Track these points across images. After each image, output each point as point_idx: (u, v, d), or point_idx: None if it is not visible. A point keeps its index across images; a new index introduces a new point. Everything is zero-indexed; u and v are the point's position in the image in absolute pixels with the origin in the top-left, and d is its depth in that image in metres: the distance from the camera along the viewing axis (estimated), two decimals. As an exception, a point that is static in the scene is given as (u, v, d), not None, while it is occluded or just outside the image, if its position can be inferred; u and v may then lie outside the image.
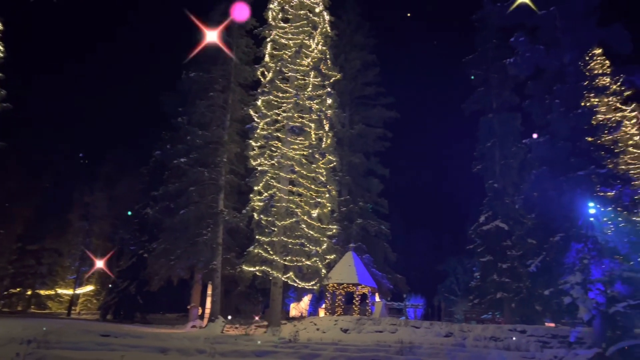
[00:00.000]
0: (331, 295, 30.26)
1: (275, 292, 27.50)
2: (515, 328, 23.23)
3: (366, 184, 39.92)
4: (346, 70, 39.19)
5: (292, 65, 29.89)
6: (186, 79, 32.30)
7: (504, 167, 34.98)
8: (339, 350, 19.70)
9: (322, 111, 29.48)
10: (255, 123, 28.66)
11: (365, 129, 40.11)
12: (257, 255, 27.09)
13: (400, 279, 38.31)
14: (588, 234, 20.40)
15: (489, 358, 14.87)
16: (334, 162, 30.22)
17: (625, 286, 19.27)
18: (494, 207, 34.20)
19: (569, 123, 21.64)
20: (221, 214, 30.01)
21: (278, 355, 18.87)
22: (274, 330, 25.18)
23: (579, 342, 21.14)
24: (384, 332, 24.37)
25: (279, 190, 28.29)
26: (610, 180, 21.40)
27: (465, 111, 37.96)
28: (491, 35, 36.99)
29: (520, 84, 26.80)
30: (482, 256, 34.06)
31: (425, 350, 19.54)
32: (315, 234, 27.85)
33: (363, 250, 35.90)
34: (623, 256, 20.33)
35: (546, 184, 21.90)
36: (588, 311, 19.29)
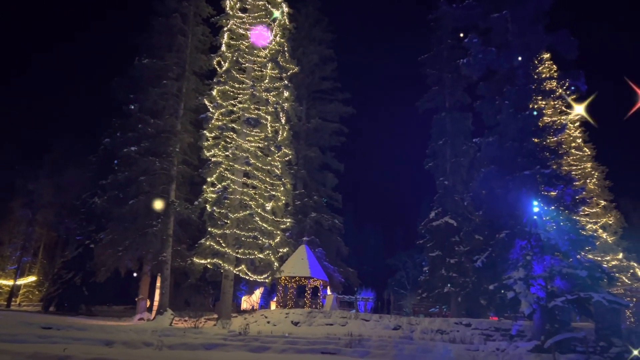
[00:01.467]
0: (283, 289, 30.27)
1: (226, 285, 27.25)
2: (461, 321, 23.97)
3: (321, 178, 40.10)
4: (304, 63, 39.16)
5: (249, 56, 29.60)
6: (139, 65, 31.34)
7: (455, 165, 35.87)
8: (289, 343, 19.72)
9: (279, 104, 29.36)
10: (210, 113, 28.21)
11: (322, 124, 40.23)
12: (209, 247, 26.75)
13: (351, 273, 38.77)
14: (531, 232, 21.18)
15: (434, 350, 15.27)
16: (290, 155, 30.18)
17: (564, 282, 20.14)
18: (443, 204, 35.05)
19: (517, 124, 22.31)
20: (172, 205, 29.42)
21: (227, 348, 18.71)
22: (224, 323, 24.98)
23: (520, 335, 22.02)
24: (335, 324, 24.63)
25: (233, 182, 28.00)
26: (553, 180, 22.23)
27: (419, 109, 38.64)
28: (446, 36, 37.76)
29: (473, 85, 27.46)
30: (431, 251, 34.86)
31: (373, 342, 19.83)
32: (269, 227, 27.75)
33: (316, 244, 36.09)
34: (563, 253, 21.23)
35: (494, 183, 22.52)
36: (529, 305, 20.04)
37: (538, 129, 23.29)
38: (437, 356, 14.05)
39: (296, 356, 17.54)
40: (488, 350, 18.90)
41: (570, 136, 37.76)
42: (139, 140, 30.23)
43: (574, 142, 38.14)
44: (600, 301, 18.51)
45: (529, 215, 21.30)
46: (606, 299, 18.61)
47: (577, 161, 37.91)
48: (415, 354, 14.35)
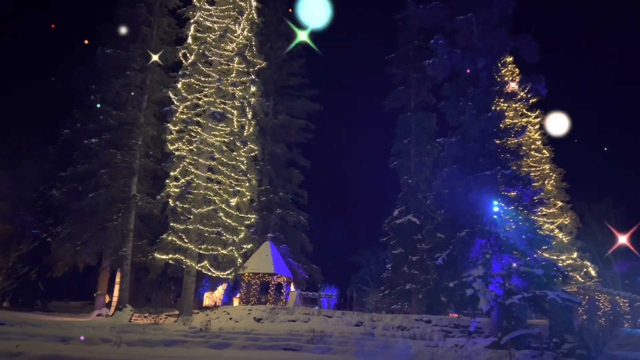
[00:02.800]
0: (246, 285, 30.08)
1: (188, 280, 26.92)
2: (422, 318, 24.36)
3: (287, 175, 39.99)
4: (271, 59, 38.91)
5: (216, 49, 29.24)
6: (102, 55, 30.53)
7: (419, 164, 36.39)
8: (251, 339, 19.64)
9: (246, 98, 29.13)
10: (175, 106, 27.76)
11: (289, 120, 40.10)
12: (171, 242, 26.35)
13: (315, 269, 38.86)
14: (491, 231, 21.71)
15: (395, 346, 15.49)
16: (256, 151, 30.02)
17: (521, 280, 20.74)
18: (407, 202, 35.52)
19: (480, 125, 22.78)
20: (134, 199, 28.81)
21: (188, 344, 18.48)
22: (185, 319, 24.65)
23: (478, 331, 22.57)
24: (297, 321, 24.64)
25: (196, 176, 27.62)
26: (513, 181, 22.82)
27: (385, 108, 39.02)
28: (413, 36, 38.20)
29: (438, 85, 27.96)
30: (394, 249, 35.30)
31: (335, 339, 19.96)
32: (233, 223, 27.53)
33: (281, 240, 35.99)
34: (521, 252, 21.85)
35: (456, 182, 22.95)
36: (487, 303, 20.55)
37: (499, 131, 23.85)
38: (398, 352, 14.26)
39: (258, 353, 17.49)
40: (447, 347, 19.30)
41: (530, 138, 38.82)
42: (100, 132, 29.47)
43: (533, 144, 39.23)
44: (555, 299, 19.13)
45: (489, 215, 21.81)
46: (560, 296, 19.25)
47: (536, 163, 39.02)
48: (376, 350, 14.52)
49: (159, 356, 15.28)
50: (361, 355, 14.03)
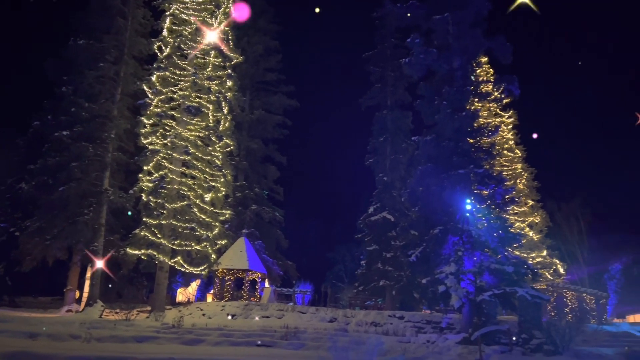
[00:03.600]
0: (220, 281, 29.91)
1: (160, 276, 26.63)
2: (395, 314, 24.61)
3: (263, 171, 39.84)
4: (248, 54, 38.59)
5: (192, 42, 28.92)
6: (74, 46, 29.85)
7: (394, 162, 36.67)
8: (224, 335, 19.54)
9: (222, 93, 28.91)
10: (149, 99, 27.37)
11: (265, 115, 39.92)
12: (144, 238, 26.01)
13: (290, 266, 38.85)
14: (464, 228, 22.05)
15: (368, 342, 15.61)
16: (231, 146, 29.84)
17: (492, 277, 21.14)
18: (382, 199, 35.78)
19: (454, 124, 23.09)
20: (105, 193, 28.32)
21: (160, 340, 18.29)
22: (157, 315, 24.40)
23: (450, 327, 22.92)
24: (271, 317, 24.64)
25: (170, 171, 27.30)
26: (486, 180, 23.21)
27: (362, 106, 39.17)
28: (390, 35, 38.41)
29: (414, 84, 28.13)
30: (369, 245, 35.56)
31: (309, 335, 20.01)
32: (207, 219, 27.32)
33: (256, 236, 35.87)
34: (492, 249, 22.26)
35: (430, 180, 23.22)
36: (459, 299, 20.89)
37: (473, 130, 24.22)
38: (370, 348, 14.35)
39: (231, 349, 17.42)
40: (419, 342, 19.53)
41: (503, 138, 39.43)
42: (72, 124, 28.86)
43: (506, 144, 39.88)
44: (524, 296, 19.55)
45: (461, 213, 22.14)
46: (529, 293, 19.67)
47: (509, 162, 39.69)
48: (349, 346, 14.60)
49: (130, 352, 15.09)
50: (334, 351, 14.08)
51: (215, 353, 15.76)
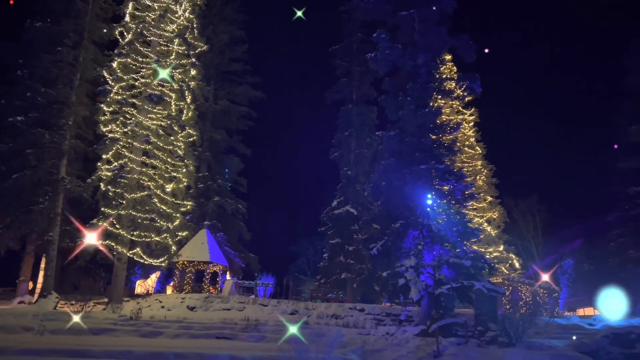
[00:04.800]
0: (180, 273, 29.50)
1: (119, 267, 26.10)
2: (355, 307, 24.84)
3: (226, 162, 39.43)
4: (213, 43, 37.97)
5: (155, 29, 28.29)
6: (31, 28, 28.68)
7: (358, 156, 36.91)
8: (184, 328, 19.36)
9: (185, 82, 28.45)
10: (109, 86, 26.67)
11: (230, 106, 39.46)
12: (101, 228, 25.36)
13: (253, 258, 38.67)
14: (424, 223, 22.43)
15: (328, 334, 15.71)
16: (194, 136, 29.41)
17: (450, 270, 21.60)
18: (346, 193, 35.99)
19: (417, 120, 23.37)
20: (62, 182, 27.45)
21: (117, 333, 17.98)
22: (114, 307, 23.93)
23: (409, 320, 23.30)
24: (232, 309, 24.49)
25: (130, 160, 26.69)
26: (446, 176, 23.64)
27: (328, 99, 39.22)
28: (357, 29, 38.49)
29: (379, 79, 28.26)
30: (332, 238, 35.73)
31: (270, 327, 20.02)
32: (168, 210, 26.89)
33: (218, 228, 35.51)
34: (451, 244, 22.74)
35: (392, 175, 23.47)
36: (418, 292, 21.27)
37: (436, 127, 24.60)
38: (330, 340, 14.45)
39: (190, 341, 17.27)
40: (378, 335, 19.82)
41: (464, 135, 40.28)
42: (27, 109, 27.80)
43: (467, 141, 40.75)
44: (481, 289, 20.08)
45: (422, 207, 22.50)
46: (486, 287, 20.22)
47: (469, 159, 40.58)
48: (309, 338, 14.68)
49: (86, 345, 14.77)
50: (295, 343, 14.13)
51: (174, 345, 15.59)
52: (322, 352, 13.77)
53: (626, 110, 36.28)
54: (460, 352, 16.03)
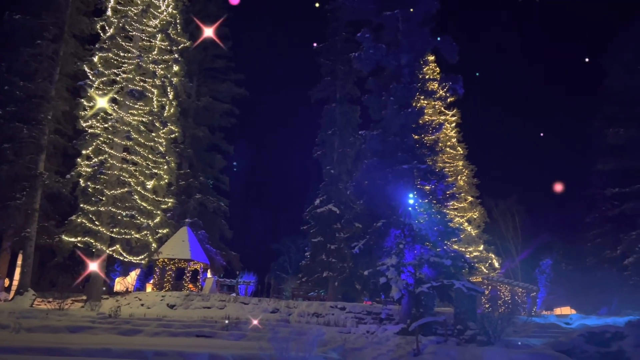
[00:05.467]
0: (161, 271, 29.26)
1: (98, 265, 25.72)
2: (337, 305, 24.90)
3: (209, 159, 39.18)
4: (197, 39, 37.66)
5: (138, 24, 27.95)
6: (9, 20, 28.10)
7: (341, 155, 36.99)
8: (163, 326, 19.19)
9: (167, 77, 28.16)
10: (90, 81, 26.25)
11: (213, 103, 39.21)
12: (80, 225, 25.00)
13: (234, 256, 38.51)
14: (406, 222, 22.57)
15: (309, 333, 15.77)
16: (176, 132, 29.16)
17: (431, 269, 21.78)
18: (328, 192, 36.05)
19: (400, 120, 23.50)
20: (40, 177, 26.99)
21: (95, 331, 17.75)
22: (93, 304, 23.62)
23: (389, 318, 23.45)
24: (213, 308, 24.37)
25: (111, 156, 26.35)
26: (428, 175, 23.84)
27: (312, 98, 39.21)
28: (341, 28, 38.55)
29: (363, 79, 28.38)
30: (314, 237, 35.77)
31: (251, 325, 19.96)
32: (149, 207, 26.62)
33: (199, 226, 35.28)
34: (432, 243, 22.93)
35: (375, 174, 23.57)
36: (399, 291, 21.39)
37: (418, 127, 24.78)
38: (311, 339, 14.48)
39: (170, 339, 17.14)
40: (359, 333, 19.90)
41: (446, 135, 40.65)
42: (5, 103, 27.27)
43: (449, 141, 41.13)
44: (461, 288, 20.26)
45: (404, 207, 22.64)
46: (466, 286, 20.41)
47: (451, 159, 40.96)
48: (289, 337, 14.67)
49: (63, 343, 14.59)
50: (275, 341, 14.11)
51: (154, 344, 15.46)
52: (303, 351, 13.79)
53: (605, 113, 37.00)
54: (439, 351, 16.17)
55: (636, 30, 35.99)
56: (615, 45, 37.46)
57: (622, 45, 36.68)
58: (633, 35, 36.11)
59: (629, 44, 36.13)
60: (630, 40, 36.18)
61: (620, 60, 36.40)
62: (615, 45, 37.44)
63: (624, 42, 36.59)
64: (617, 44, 37.24)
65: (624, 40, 36.65)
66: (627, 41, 36.39)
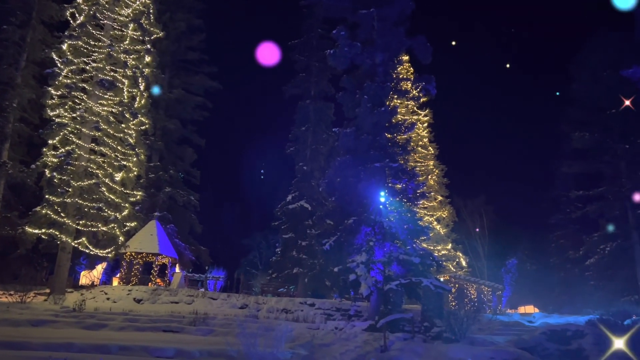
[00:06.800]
0: (128, 264, 28.76)
1: (62, 257, 25.15)
2: (306, 301, 24.95)
3: (180, 152, 38.65)
4: (170, 30, 37.00)
5: (110, 12, 27.36)
6: (-27, 4, 27.25)
7: (314, 152, 37.03)
8: (129, 320, 18.89)
9: (139, 68, 27.66)
10: (58, 69, 25.57)
11: (185, 95, 38.69)
12: (45, 216, 24.38)
13: (203, 251, 38.16)
14: (376, 220, 22.74)
15: (277, 329, 15.72)
16: (147, 124, 28.67)
17: (399, 267, 22.00)
18: (300, 188, 36.05)
19: (373, 119, 23.64)
20: (4, 167, 26.20)
21: (58, 325, 17.35)
22: (56, 298, 23.08)
23: (358, 315, 23.63)
24: (180, 303, 24.12)
25: (78, 147, 25.73)
26: (400, 174, 24.07)
27: (286, 94, 39.10)
28: (317, 25, 38.56)
29: (337, 76, 28.43)
30: (285, 233, 35.72)
31: (219, 321, 19.82)
32: (117, 199, 26.13)
33: (168, 219, 34.82)
34: (402, 241, 23.16)
35: (347, 171, 23.68)
36: (368, 287, 21.55)
37: (391, 126, 24.97)
38: (279, 334, 14.46)
39: (136, 334, 16.87)
40: (327, 329, 19.97)
41: (418, 135, 41.09)
42: (-32, 89, 26.42)
43: (421, 141, 41.58)
44: (428, 286, 20.55)
45: (375, 204, 22.80)
46: (433, 284, 20.71)
47: (422, 158, 41.43)
48: (258, 332, 14.61)
49: (24, 337, 14.21)
50: (243, 337, 14.03)
51: (119, 338, 15.19)
52: (271, 347, 13.77)
53: (571, 117, 37.96)
54: (406, 347, 16.36)
55: (602, 39, 37.01)
56: (582, 52, 38.47)
57: (588, 53, 37.67)
58: (599, 43, 37.13)
59: (595, 51, 37.14)
60: (596, 48, 37.20)
61: (586, 66, 37.39)
62: (582, 52, 38.44)
63: (591, 49, 37.60)
64: (584, 51, 38.25)
65: (591, 48, 37.66)
66: (593, 48, 37.40)
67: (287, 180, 38.55)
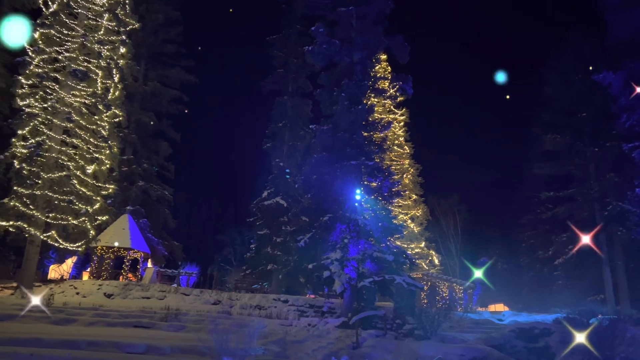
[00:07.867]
0: (99, 259, 28.27)
1: (31, 251, 24.58)
2: (279, 298, 24.94)
3: (154, 146, 38.10)
4: (146, 21, 36.40)
5: (84, 1, 26.82)
6: (-60, -12, 26.31)
7: (291, 149, 36.96)
8: (99, 315, 18.59)
9: (113, 59, 27.17)
10: (29, 58, 24.93)
11: (160, 88, 38.13)
12: (13, 208, 23.77)
13: (177, 246, 37.77)
14: (351, 217, 22.85)
15: (250, 325, 15.66)
16: (120, 117, 28.18)
17: (373, 264, 22.17)
18: (277, 185, 35.92)
19: (350, 117, 23.74)
20: (-30, 157, 25.42)
21: (25, 319, 16.96)
22: (24, 292, 22.51)
23: (331, 311, 23.72)
24: (152, 298, 23.85)
25: (49, 138, 25.15)
26: (375, 172, 24.25)
27: (263, 89, 38.93)
28: (296, 21, 38.43)
29: (315, 73, 28.43)
30: (260, 229, 35.57)
31: (191, 317, 19.66)
32: (88, 192, 25.64)
33: (141, 214, 34.31)
34: (376, 239, 23.35)
35: (324, 169, 23.74)
36: (341, 284, 21.66)
37: (368, 124, 25.11)
38: (251, 331, 14.40)
39: (106, 329, 16.62)
40: (300, 326, 19.99)
41: (394, 134, 41.40)
42: None
43: (397, 140, 41.91)
44: (401, 283, 20.77)
45: (350, 202, 22.91)
46: (406, 281, 20.94)
47: (398, 157, 41.76)
48: (230, 329, 14.53)
49: (-12, 332, 13.83)
50: (215, 333, 13.93)
51: (88, 334, 14.95)
52: (243, 343, 13.70)
53: (543, 120, 38.70)
54: (378, 344, 16.51)
55: (574, 43, 37.79)
56: (555, 56, 39.21)
57: (560, 57, 38.42)
58: (571, 47, 37.90)
59: (567, 56, 37.90)
60: (568, 52, 37.96)
61: (558, 70, 38.15)
62: (555, 57, 39.18)
63: (563, 53, 38.36)
64: (556, 56, 38.99)
65: (563, 52, 38.42)
66: (565, 52, 38.16)
67: (263, 176, 38.42)
